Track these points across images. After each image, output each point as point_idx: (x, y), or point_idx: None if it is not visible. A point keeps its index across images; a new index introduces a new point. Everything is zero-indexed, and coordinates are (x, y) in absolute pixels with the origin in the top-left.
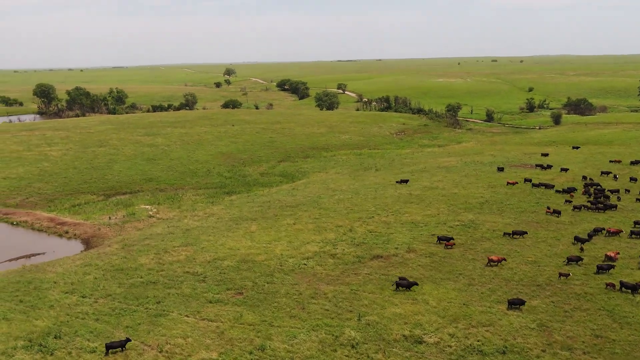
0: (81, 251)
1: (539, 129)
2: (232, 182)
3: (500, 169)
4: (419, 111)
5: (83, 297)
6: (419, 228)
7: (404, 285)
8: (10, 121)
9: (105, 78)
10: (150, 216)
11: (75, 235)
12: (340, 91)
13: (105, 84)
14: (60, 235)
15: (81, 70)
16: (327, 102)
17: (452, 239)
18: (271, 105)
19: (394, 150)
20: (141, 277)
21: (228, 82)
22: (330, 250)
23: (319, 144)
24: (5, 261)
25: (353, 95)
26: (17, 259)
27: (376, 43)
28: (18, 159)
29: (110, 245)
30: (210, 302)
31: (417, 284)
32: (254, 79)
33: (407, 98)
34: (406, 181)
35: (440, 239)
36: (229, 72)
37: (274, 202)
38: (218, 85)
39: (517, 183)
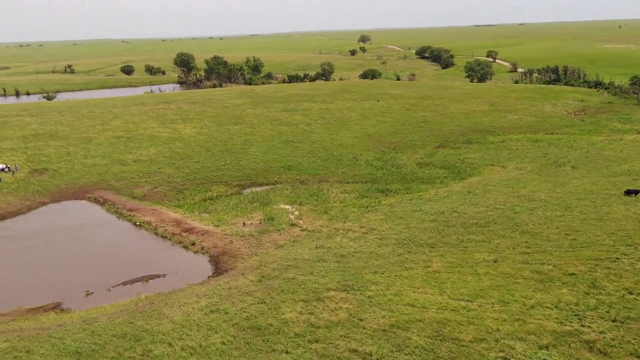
0: (209, 277)
1: None
2: (385, 174)
3: None
4: (597, 85)
5: None
6: None
7: None
8: (152, 91)
9: (242, 46)
10: (292, 224)
11: (202, 248)
12: (491, 59)
13: (242, 52)
14: (186, 247)
15: (220, 39)
16: (479, 72)
17: None
18: (413, 75)
19: (581, 137)
20: (287, 351)
21: (363, 50)
22: (577, 330)
23: (482, 126)
24: (119, 284)
25: (505, 64)
26: (134, 281)
27: (515, 4)
28: (151, 137)
29: (245, 273)
30: None
31: None
32: (390, 46)
33: (580, 68)
34: (637, 192)
35: None
36: (363, 39)
37: (450, 213)
38: (353, 53)
39: None
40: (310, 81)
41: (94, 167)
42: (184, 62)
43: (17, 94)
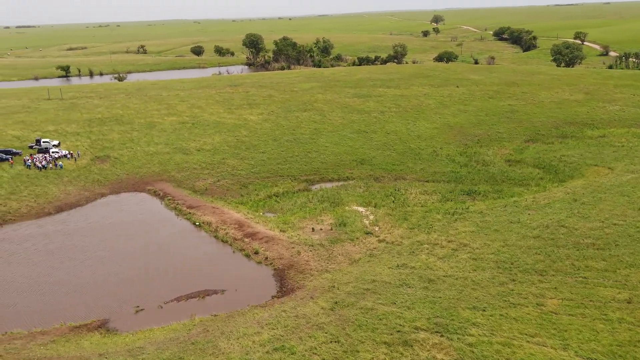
0: (273, 297)
1: None
2: (470, 173)
3: None
4: None
5: None
6: None
7: None
8: (220, 73)
9: (311, 26)
10: (368, 232)
11: (266, 259)
12: (579, 42)
13: (310, 33)
14: (248, 256)
15: (289, 19)
16: (567, 56)
17: None
18: (492, 58)
19: None
20: None
21: (436, 31)
22: None
23: (578, 118)
24: (173, 300)
25: (595, 47)
26: (188, 297)
27: None
28: (216, 124)
29: (314, 296)
30: None
31: None
32: (464, 27)
33: None
34: None
35: None
36: (436, 19)
37: (556, 228)
38: (425, 34)
39: None
40: (381, 64)
41: (156, 156)
42: (253, 43)
43: (91, 74)
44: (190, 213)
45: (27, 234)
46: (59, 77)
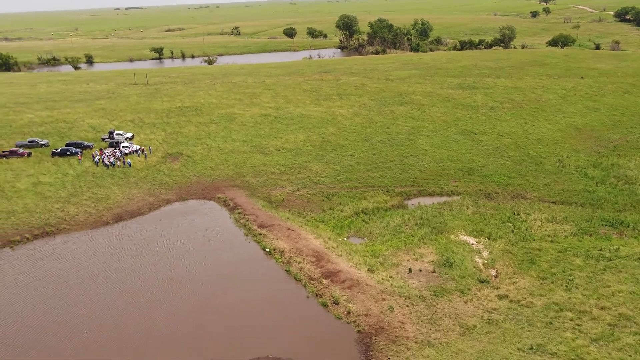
0: None
1: None
2: (611, 193)
3: None
4: None
5: None
6: None
7: None
8: (310, 57)
9: (408, 7)
10: (482, 280)
11: (348, 314)
12: None
13: (407, 14)
14: (325, 306)
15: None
16: None
17: None
18: (617, 43)
19: None
20: None
21: (547, 11)
22: None
23: None
24: None
25: None
26: None
27: None
28: (301, 118)
29: None
30: None
31: None
32: (579, 7)
33: None
34: None
35: None
36: None
37: None
38: (534, 14)
39: None
40: (485, 48)
41: (232, 156)
42: (346, 26)
43: (183, 57)
44: (260, 234)
45: (74, 250)
46: (153, 59)
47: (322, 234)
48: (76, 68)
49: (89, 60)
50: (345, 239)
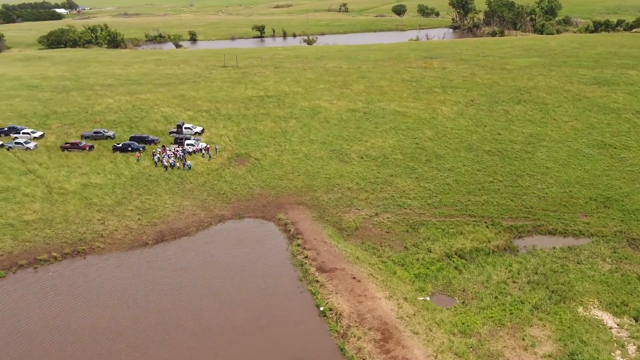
0: None
1: None
2: None
3: None
4: None
5: None
6: None
7: None
8: (418, 38)
9: None
10: None
11: None
12: None
13: None
14: None
15: None
16: None
17: None
18: None
19: None
20: None
21: None
22: None
23: None
24: None
25: None
26: None
27: None
28: (395, 116)
29: None
30: None
31: None
32: None
33: None
34: None
35: None
36: None
37: None
38: None
39: None
40: (626, 30)
41: (305, 162)
42: (461, 3)
43: (284, 35)
44: (317, 282)
45: (87, 283)
46: (254, 37)
47: (397, 289)
48: (177, 46)
49: (192, 38)
50: (428, 298)
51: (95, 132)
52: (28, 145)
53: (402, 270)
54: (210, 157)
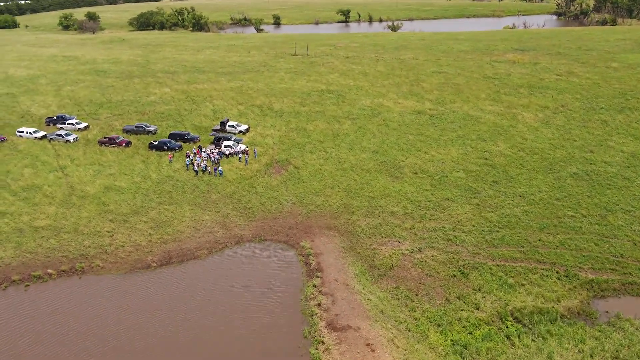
0: None
1: None
2: None
3: None
4: None
5: None
6: None
7: None
8: (514, 26)
9: None
10: None
11: None
12: None
13: None
14: None
15: None
16: None
17: None
18: None
19: None
20: None
21: None
22: None
23: None
24: None
25: None
26: None
27: None
28: (465, 121)
29: None
30: None
31: None
32: None
33: None
34: None
35: None
36: None
37: None
38: None
39: None
40: None
41: (349, 175)
42: None
43: (370, 20)
44: (323, 344)
45: (69, 311)
46: (338, 22)
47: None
48: (259, 30)
49: (276, 22)
50: None
51: (136, 126)
52: (68, 137)
53: (437, 334)
54: (247, 161)
